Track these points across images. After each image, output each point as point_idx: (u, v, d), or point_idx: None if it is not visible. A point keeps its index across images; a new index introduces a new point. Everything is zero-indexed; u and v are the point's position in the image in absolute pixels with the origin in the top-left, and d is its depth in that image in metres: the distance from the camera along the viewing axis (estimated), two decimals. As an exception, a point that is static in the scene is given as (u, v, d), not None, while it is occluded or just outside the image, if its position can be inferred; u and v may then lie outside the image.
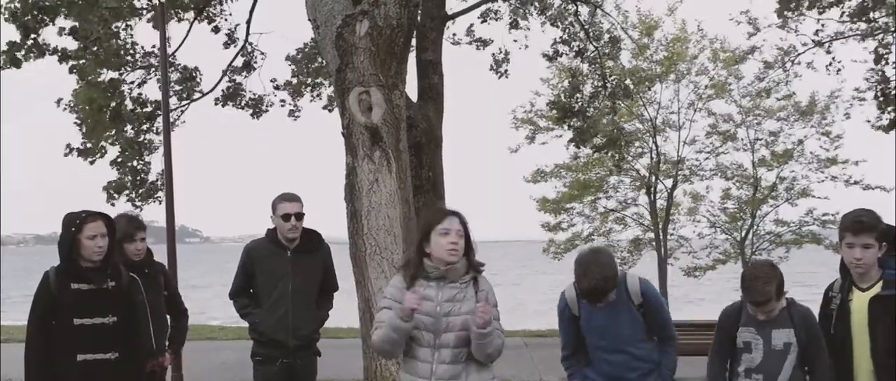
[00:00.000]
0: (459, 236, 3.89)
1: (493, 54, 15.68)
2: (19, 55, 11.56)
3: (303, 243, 5.51)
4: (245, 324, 5.76)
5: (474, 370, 3.90)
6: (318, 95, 15.93)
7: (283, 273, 5.44)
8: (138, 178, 14.18)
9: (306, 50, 15.27)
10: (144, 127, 14.05)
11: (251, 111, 15.42)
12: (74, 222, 4.62)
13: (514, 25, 15.40)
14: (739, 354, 4.34)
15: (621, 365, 4.52)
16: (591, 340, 4.61)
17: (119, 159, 14.04)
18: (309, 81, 15.71)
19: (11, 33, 11.65)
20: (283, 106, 15.75)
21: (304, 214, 5.45)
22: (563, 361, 4.82)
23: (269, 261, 5.47)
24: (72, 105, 13.58)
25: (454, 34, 15.15)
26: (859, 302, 4.12)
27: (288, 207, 5.42)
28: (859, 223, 4.05)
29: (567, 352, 4.80)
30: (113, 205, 13.94)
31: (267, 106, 15.53)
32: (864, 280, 4.12)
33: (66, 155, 13.94)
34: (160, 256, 6.40)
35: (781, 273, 4.27)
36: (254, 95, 15.42)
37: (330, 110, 15.63)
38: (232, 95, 15.18)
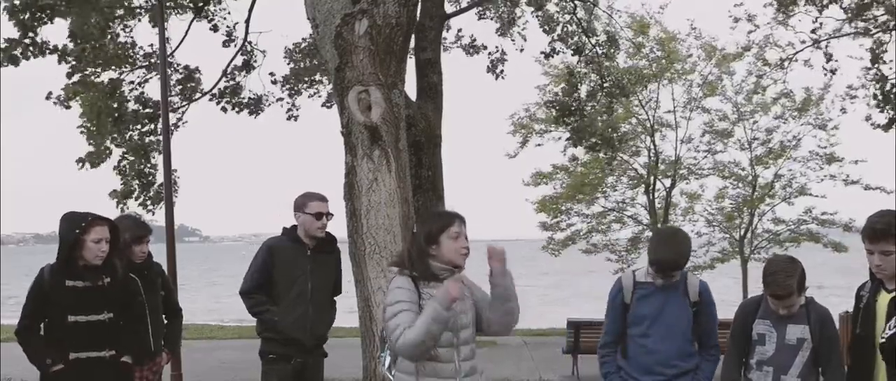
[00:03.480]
0: (467, 241, 3.95)
1: (490, 53, 15.71)
2: (17, 53, 11.55)
3: (321, 242, 5.52)
4: (246, 323, 5.74)
5: (479, 360, 4.01)
6: (317, 93, 15.90)
7: (304, 272, 5.45)
8: (145, 181, 14.15)
9: (303, 46, 15.24)
10: (147, 128, 14.02)
11: (248, 111, 15.40)
12: (80, 224, 4.60)
13: (506, 24, 15.39)
14: (753, 346, 4.36)
15: (660, 361, 4.49)
16: (636, 330, 4.54)
17: (123, 163, 13.99)
18: (307, 78, 15.68)
19: (10, 31, 11.63)
20: (281, 103, 15.73)
21: (332, 214, 5.51)
22: (600, 347, 4.70)
23: (290, 259, 5.46)
24: (60, 99, 13.51)
25: (444, 38, 15.15)
26: (883, 303, 4.06)
27: (321, 206, 5.46)
28: (873, 231, 3.98)
29: (608, 339, 4.66)
30: (123, 210, 13.88)
31: (265, 105, 15.51)
32: (892, 282, 4.05)
33: (79, 169, 13.90)
34: (160, 255, 6.40)
35: (803, 268, 4.25)
36: (253, 94, 15.42)
37: (329, 107, 15.60)
38: (231, 94, 15.15)
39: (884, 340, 3.88)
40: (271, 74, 15.69)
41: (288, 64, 15.63)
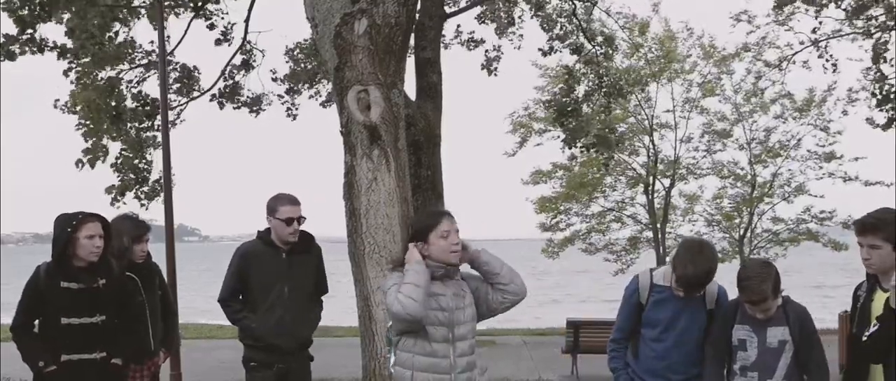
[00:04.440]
0: (458, 237, 3.96)
1: (486, 50, 15.73)
2: (14, 49, 11.52)
3: (297, 243, 5.38)
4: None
5: (480, 358, 4.01)
6: (316, 93, 15.89)
7: (280, 275, 5.30)
8: (141, 176, 14.14)
9: (303, 48, 15.23)
10: (145, 125, 14.01)
11: (248, 110, 15.39)
12: (71, 222, 4.58)
13: (505, 25, 15.40)
14: (734, 352, 4.34)
15: (670, 366, 4.48)
16: (649, 332, 4.52)
17: (119, 160, 13.99)
18: (307, 80, 15.66)
19: (9, 28, 11.62)
20: (281, 100, 15.72)
21: (305, 218, 5.33)
22: (610, 342, 4.70)
23: (265, 263, 5.32)
24: (68, 105, 13.53)
25: (444, 35, 15.13)
26: (879, 303, 4.07)
27: (291, 210, 5.27)
28: (861, 224, 4.02)
29: (619, 336, 4.66)
30: (119, 205, 13.87)
31: (265, 105, 15.52)
32: (888, 281, 4.03)
33: (80, 169, 13.88)
34: (159, 255, 6.39)
35: (777, 271, 4.25)
36: (252, 93, 15.42)
37: (327, 107, 15.63)
38: (230, 94, 15.14)
39: (866, 338, 3.90)
40: (272, 71, 15.70)
41: (287, 62, 15.63)
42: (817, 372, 4.25)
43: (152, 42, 13.85)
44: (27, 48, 11.62)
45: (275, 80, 15.54)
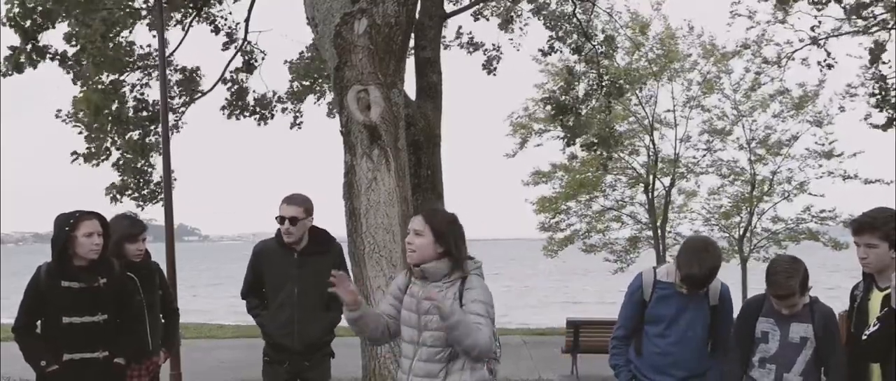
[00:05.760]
0: (417, 236, 3.79)
1: (486, 50, 15.73)
2: (22, 60, 11.53)
3: (311, 244, 5.33)
4: (244, 322, 5.68)
5: (456, 371, 3.74)
6: (320, 98, 15.87)
7: (289, 276, 5.28)
8: (142, 179, 14.12)
9: (304, 60, 15.20)
10: (148, 128, 14.00)
11: (257, 117, 15.38)
12: (68, 221, 4.59)
13: (507, 23, 15.40)
14: (756, 343, 4.38)
15: (674, 363, 4.52)
16: (653, 329, 4.56)
17: (121, 161, 13.98)
18: (310, 84, 15.63)
19: (12, 38, 11.62)
20: (285, 113, 15.70)
21: (298, 218, 5.21)
22: (612, 339, 4.73)
23: (275, 262, 5.33)
24: (71, 114, 13.53)
25: (444, 36, 15.10)
26: (876, 301, 4.09)
27: (282, 209, 5.25)
28: (856, 223, 4.06)
29: (621, 333, 4.69)
30: (117, 205, 13.89)
31: (271, 112, 15.48)
32: (884, 280, 4.06)
33: (72, 162, 13.87)
34: (159, 254, 6.38)
35: (806, 268, 4.27)
36: (257, 95, 15.37)
37: (332, 117, 15.65)
38: (238, 101, 15.09)
39: (865, 338, 3.91)
40: (274, 92, 15.68)
41: (289, 73, 15.58)
42: (835, 373, 4.27)
43: (150, 45, 13.88)
44: (32, 58, 11.62)
45: (280, 99, 15.52)
